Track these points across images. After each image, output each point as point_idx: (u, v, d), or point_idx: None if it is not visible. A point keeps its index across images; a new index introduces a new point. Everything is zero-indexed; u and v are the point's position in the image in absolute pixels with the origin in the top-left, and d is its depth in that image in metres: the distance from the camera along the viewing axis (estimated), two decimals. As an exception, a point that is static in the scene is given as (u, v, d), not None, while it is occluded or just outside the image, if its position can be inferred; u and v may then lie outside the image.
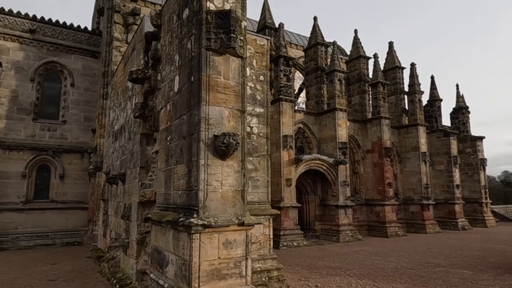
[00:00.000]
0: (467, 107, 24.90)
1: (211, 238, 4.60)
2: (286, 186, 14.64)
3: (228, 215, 4.76)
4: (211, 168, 4.74)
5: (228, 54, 5.12)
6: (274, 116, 15.38)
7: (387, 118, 18.63)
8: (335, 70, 17.24)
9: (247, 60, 7.95)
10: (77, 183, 15.32)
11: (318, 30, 18.93)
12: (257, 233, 7.46)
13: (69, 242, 14.63)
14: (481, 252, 12.48)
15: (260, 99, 8.09)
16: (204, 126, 4.78)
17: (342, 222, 15.86)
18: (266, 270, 7.32)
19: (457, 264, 10.40)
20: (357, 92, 20.14)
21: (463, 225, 20.58)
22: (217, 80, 4.99)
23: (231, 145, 4.71)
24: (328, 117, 17.18)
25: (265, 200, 7.76)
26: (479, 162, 23.36)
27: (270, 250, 7.57)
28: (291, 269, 9.74)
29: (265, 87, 8.19)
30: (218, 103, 4.95)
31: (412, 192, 19.88)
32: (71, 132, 15.54)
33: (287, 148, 14.85)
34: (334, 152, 16.55)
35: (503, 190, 48.97)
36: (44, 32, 15.46)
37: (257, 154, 7.81)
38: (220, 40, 4.95)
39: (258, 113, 8.01)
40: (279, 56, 15.56)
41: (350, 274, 9.11)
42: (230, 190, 4.86)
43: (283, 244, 13.73)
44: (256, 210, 7.51)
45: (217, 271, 4.59)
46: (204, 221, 4.49)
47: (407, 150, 20.39)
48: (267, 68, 8.28)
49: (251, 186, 7.62)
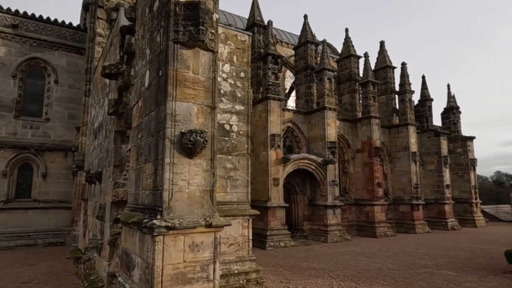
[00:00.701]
0: (458, 107, 24.89)
1: (176, 241, 4.37)
2: (273, 185, 14.43)
3: (195, 216, 4.53)
4: (177, 167, 4.52)
5: (198, 48, 4.89)
6: (262, 115, 15.20)
7: (377, 117, 18.50)
8: (325, 69, 17.07)
9: (227, 56, 7.76)
10: (60, 182, 14.98)
11: (308, 28, 18.75)
12: (235, 234, 7.25)
13: (52, 243, 14.30)
14: (468, 253, 12.38)
15: (241, 96, 7.87)
16: (170, 123, 4.56)
17: (331, 222, 15.70)
18: (244, 273, 7.11)
19: (443, 265, 10.27)
20: (348, 91, 19.99)
21: (453, 225, 20.55)
22: (185, 75, 4.76)
23: (198, 143, 4.48)
24: (317, 116, 17.01)
25: (244, 200, 7.54)
26: (470, 162, 23.36)
27: (249, 251, 7.36)
28: (274, 271, 9.54)
29: (246, 84, 7.97)
30: (186, 98, 4.72)
31: (402, 192, 19.80)
32: (54, 130, 15.19)
33: (274, 147, 14.64)
34: (323, 151, 16.39)
35: (495, 190, 49.33)
36: (27, 28, 15.09)
37: (237, 152, 7.60)
38: (189, 32, 4.73)
39: (238, 111, 7.79)
40: (267, 54, 15.35)
41: (333, 276, 8.93)
42: (198, 190, 4.63)
43: (269, 244, 13.53)
44: (235, 210, 7.31)
45: (182, 275, 4.36)
46: (168, 222, 4.26)
47: (398, 149, 20.30)
48: (248, 65, 8.06)
49: (229, 186, 7.41)
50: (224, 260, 6.99)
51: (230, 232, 7.16)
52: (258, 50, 16.38)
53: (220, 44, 7.75)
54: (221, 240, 7.08)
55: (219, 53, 7.71)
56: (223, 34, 7.81)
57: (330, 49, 26.65)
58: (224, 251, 7.04)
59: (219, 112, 7.51)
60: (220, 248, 4.81)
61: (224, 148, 7.44)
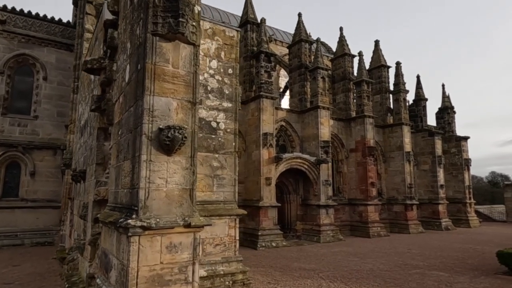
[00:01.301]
0: (452, 107, 24.85)
1: (152, 241, 4.18)
2: (265, 185, 14.26)
3: (173, 216, 4.35)
4: (154, 165, 4.33)
5: (178, 41, 4.70)
6: (254, 113, 15.03)
7: (371, 117, 18.39)
8: (318, 68, 16.93)
9: (215, 52, 7.58)
10: (49, 181, 14.72)
11: (302, 26, 18.60)
12: (221, 234, 7.07)
13: (39, 243, 14.04)
14: (460, 253, 12.29)
15: (228, 93, 7.69)
16: (147, 118, 4.37)
17: (323, 222, 15.56)
18: (230, 274, 6.94)
19: (435, 266, 10.16)
20: (342, 91, 19.87)
21: (446, 225, 20.50)
22: (164, 69, 4.57)
23: (176, 139, 4.30)
24: (310, 115, 16.87)
25: (231, 200, 7.37)
26: (464, 162, 23.32)
27: (235, 252, 7.19)
28: (264, 271, 9.38)
29: (234, 80, 7.79)
30: (165, 93, 4.53)
31: (396, 192, 19.71)
32: (43, 127, 14.92)
33: (267, 146, 14.47)
34: (317, 150, 16.25)
35: (490, 190, 49.55)
36: (15, 23, 14.81)
37: (224, 151, 7.42)
38: (168, 24, 4.54)
39: (226, 108, 7.61)
40: (260, 52, 15.18)
41: (323, 277, 8.78)
42: (177, 188, 4.45)
43: (261, 244, 13.36)
44: (221, 210, 7.14)
45: (158, 277, 4.18)
46: (143, 222, 4.07)
47: (392, 149, 20.21)
48: (236, 61, 7.88)
49: (216, 185, 7.23)
50: (210, 261, 6.82)
51: (216, 232, 6.99)
52: (251, 48, 16.20)
53: (207, 39, 7.58)
54: (207, 240, 6.91)
55: (206, 49, 7.54)
56: (210, 29, 7.63)
57: (325, 48, 26.55)
58: (209, 252, 6.87)
59: (205, 109, 7.34)
60: (200, 249, 4.63)
61: (210, 146, 7.26)
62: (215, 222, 7.02)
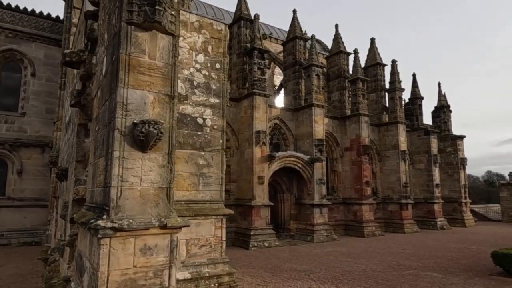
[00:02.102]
0: (448, 106, 24.69)
1: (125, 243, 3.92)
2: (258, 184, 14.01)
3: (148, 217, 4.08)
4: (128, 162, 4.06)
5: (156, 31, 4.43)
6: (247, 111, 14.77)
7: (366, 115, 18.18)
8: (313, 65, 16.68)
9: (201, 46, 7.30)
10: (37, 179, 14.39)
11: (297, 23, 18.34)
12: (207, 234, 6.81)
13: (27, 242, 13.72)
14: (455, 253, 12.10)
15: (216, 88, 7.42)
16: (120, 112, 4.09)
17: (317, 221, 15.34)
18: (216, 276, 6.68)
19: (429, 266, 9.95)
20: (337, 89, 19.64)
21: (442, 225, 20.34)
22: (140, 60, 4.29)
23: (150, 135, 4.03)
24: (305, 113, 16.63)
25: (218, 199, 7.10)
26: (460, 161, 23.17)
27: (222, 253, 6.92)
28: (254, 272, 9.13)
29: (222, 75, 7.52)
30: (140, 86, 4.26)
31: (391, 191, 19.53)
32: (31, 125, 14.58)
33: (260, 144, 14.21)
34: (311, 149, 16.01)
35: (486, 190, 49.66)
36: (2, 18, 14.45)
37: (210, 148, 7.15)
38: (144, 13, 4.26)
39: (213, 104, 7.34)
40: (253, 48, 14.90)
41: (314, 278, 8.55)
42: (152, 187, 4.18)
43: (253, 244, 13.11)
44: (207, 209, 6.87)
45: (131, 281, 3.92)
46: (115, 223, 3.81)
47: (387, 148, 20.02)
48: (224, 55, 7.60)
49: (202, 184, 6.97)
50: (194, 263, 6.56)
51: (202, 233, 6.72)
52: (244, 44, 15.92)
53: (193, 33, 7.30)
54: (192, 241, 6.65)
55: (193, 42, 7.27)
56: (197, 22, 7.35)
57: (321, 46, 26.32)
58: (194, 253, 6.60)
59: (191, 104, 7.07)
60: (178, 251, 4.37)
61: (196, 143, 6.99)
62: (200, 222, 6.77)
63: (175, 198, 6.34)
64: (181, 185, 6.65)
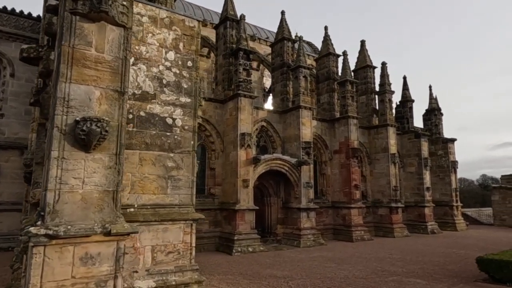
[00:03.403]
0: (439, 108, 24.53)
1: (62, 252, 3.59)
2: (242, 187, 13.66)
3: (90, 222, 3.75)
4: (68, 163, 3.73)
5: (104, 22, 4.13)
6: (232, 113, 14.46)
7: (355, 117, 17.93)
8: (300, 66, 16.43)
9: (172, 43, 7.00)
10: (14, 182, 13.94)
11: (285, 24, 18.11)
12: (175, 240, 6.46)
13: (3, 248, 13.23)
14: (442, 258, 11.81)
15: (187, 87, 7.11)
16: (61, 109, 3.78)
17: (304, 225, 15.00)
18: (184, 284, 6.32)
19: (413, 273, 9.64)
20: (326, 91, 19.40)
21: (432, 229, 20.08)
22: (85, 53, 3.99)
23: (93, 133, 3.71)
24: (292, 115, 16.34)
25: (187, 203, 6.76)
26: (451, 164, 22.96)
27: (191, 260, 6.57)
28: (231, 279, 8.77)
29: (194, 74, 7.21)
30: (85, 80, 3.95)
31: (381, 195, 19.25)
32: (9, 126, 14.16)
33: (244, 146, 13.88)
34: (298, 152, 15.71)
35: (481, 193, 49.74)
36: (-19, 17, 14.08)
37: (180, 150, 6.82)
38: (90, 2, 3.96)
39: (184, 103, 7.02)
40: (238, 49, 14.62)
41: (293, 285, 8.20)
42: (96, 190, 3.86)
43: (236, 249, 12.74)
44: (175, 214, 6.53)
45: (69, 294, 3.57)
46: (49, 230, 3.48)
47: (377, 151, 19.77)
48: (197, 53, 7.30)
49: (170, 187, 6.63)
50: (160, 270, 6.20)
51: (169, 239, 6.37)
52: (230, 45, 15.63)
53: (163, 29, 7.00)
54: (158, 247, 6.29)
55: (162, 39, 6.96)
56: (167, 18, 7.05)
57: (312, 48, 26.15)
58: (160, 260, 6.25)
59: (160, 104, 6.75)
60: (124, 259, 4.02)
61: (165, 144, 6.66)
62: (168, 227, 6.42)
63: (140, 202, 6.01)
64: (147, 188, 6.31)
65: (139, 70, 6.53)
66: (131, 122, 6.29)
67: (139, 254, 5.98)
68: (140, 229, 5.96)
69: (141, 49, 6.60)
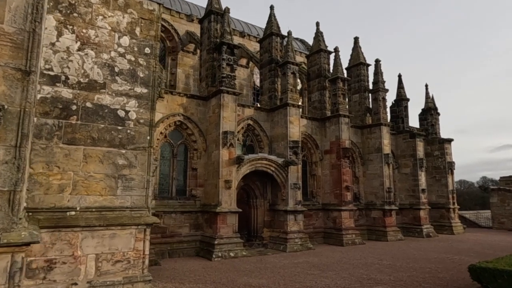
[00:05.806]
0: (436, 108, 23.80)
1: None
2: (224, 188, 12.92)
3: (-26, 230, 3.02)
4: None
5: (6, -14, 3.41)
6: (215, 110, 13.74)
7: (347, 116, 17.20)
8: (288, 62, 15.72)
9: (127, 27, 6.29)
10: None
11: (274, 20, 17.42)
12: (124, 248, 5.72)
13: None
14: (434, 265, 11.06)
15: (144, 76, 6.39)
16: None
17: (291, 229, 14.26)
18: (133, 297, 5.59)
19: (401, 281, 8.90)
20: (317, 89, 18.68)
21: (428, 232, 19.30)
22: (-23, 22, 3.27)
23: (-24, 119, 2.99)
24: (280, 114, 15.62)
25: (141, 206, 6.03)
26: (447, 165, 22.20)
27: (143, 270, 5.84)
28: (201, 289, 8.03)
29: (153, 62, 6.50)
30: (-25, 56, 3.23)
31: (374, 197, 18.49)
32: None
33: (227, 145, 13.16)
34: (285, 151, 14.98)
35: (481, 195, 48.99)
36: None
37: (134, 146, 6.10)
38: (-17, -40, 3.25)
39: (140, 94, 6.30)
40: (222, 43, 13.91)
41: (265, 296, 7.46)
42: (-15, 190, 3.13)
43: (217, 254, 11.98)
44: (125, 218, 5.80)
45: None
46: None
47: (370, 151, 19.03)
48: (156, 39, 6.60)
49: (121, 188, 5.90)
50: (105, 282, 5.47)
51: (117, 246, 5.64)
52: (214, 40, 14.93)
53: (117, 11, 6.29)
54: (103, 256, 5.56)
55: (115, 22, 6.25)
56: (122, 0, 6.34)
57: (305, 45, 25.43)
58: (106, 270, 5.51)
59: (110, 94, 6.03)
60: (22, 276, 3.29)
61: (115, 139, 5.94)
62: (116, 233, 5.69)
63: (84, 204, 5.30)
64: (92, 188, 5.59)
65: (86, 56, 5.82)
66: (74, 114, 5.58)
67: (80, 264, 5.25)
68: (82, 235, 5.25)
69: (89, 32, 5.90)
